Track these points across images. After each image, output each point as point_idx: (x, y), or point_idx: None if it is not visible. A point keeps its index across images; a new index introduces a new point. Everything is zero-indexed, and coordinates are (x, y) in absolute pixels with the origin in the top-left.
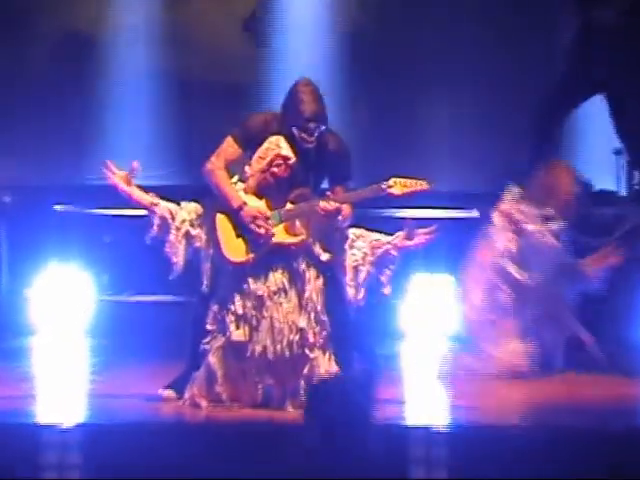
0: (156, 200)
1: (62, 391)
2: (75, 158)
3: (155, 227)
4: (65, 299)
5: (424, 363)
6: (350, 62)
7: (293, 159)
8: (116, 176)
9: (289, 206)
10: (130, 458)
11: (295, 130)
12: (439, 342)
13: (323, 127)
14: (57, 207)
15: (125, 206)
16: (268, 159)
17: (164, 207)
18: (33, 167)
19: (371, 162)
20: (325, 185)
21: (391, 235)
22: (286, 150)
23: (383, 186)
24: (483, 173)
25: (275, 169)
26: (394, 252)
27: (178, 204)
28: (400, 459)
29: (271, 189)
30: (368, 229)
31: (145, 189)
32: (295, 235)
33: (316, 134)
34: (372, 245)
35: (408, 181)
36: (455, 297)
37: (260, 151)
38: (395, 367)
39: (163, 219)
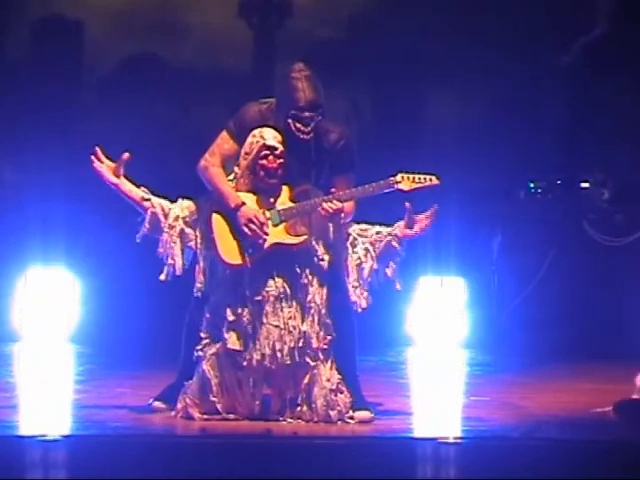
0: (147, 195)
1: (46, 401)
2: (59, 150)
3: (146, 225)
4: (49, 304)
5: (433, 371)
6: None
7: (280, 148)
8: (104, 165)
9: (289, 205)
10: (118, 473)
11: (290, 121)
12: (449, 348)
13: (320, 117)
14: None
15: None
16: (253, 153)
17: (156, 203)
18: (12, 162)
19: (374, 161)
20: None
21: (391, 226)
22: (271, 140)
23: (390, 181)
24: (492, 174)
25: (263, 161)
26: (396, 244)
27: (174, 201)
28: (407, 471)
29: (263, 185)
30: (371, 223)
31: (136, 183)
32: (297, 235)
33: (312, 124)
34: (373, 240)
35: (417, 176)
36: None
37: (245, 147)
38: (403, 375)
39: (155, 216)
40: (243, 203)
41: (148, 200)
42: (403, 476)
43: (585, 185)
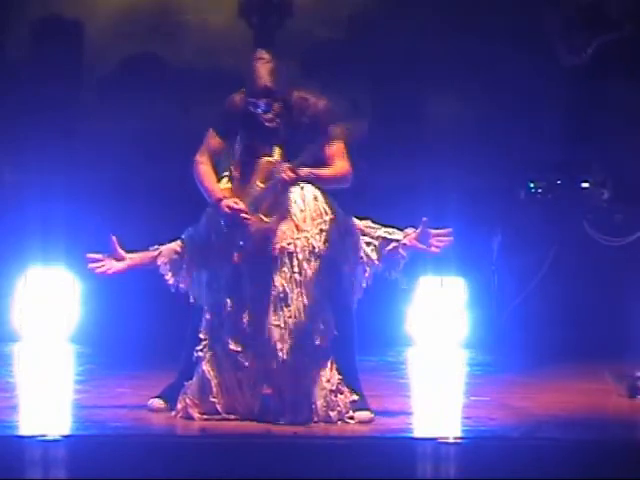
0: (156, 252)
1: (46, 401)
2: (59, 150)
3: (169, 275)
4: (49, 304)
5: (433, 371)
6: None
7: None
8: (105, 263)
9: (259, 189)
10: (118, 473)
11: (250, 107)
12: (449, 348)
13: (279, 103)
14: None
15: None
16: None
17: (168, 252)
18: (12, 162)
19: (374, 160)
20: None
21: (401, 230)
22: None
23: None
24: (492, 174)
25: None
26: (402, 252)
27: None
28: (407, 471)
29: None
30: (375, 222)
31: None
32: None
33: (272, 111)
34: (379, 243)
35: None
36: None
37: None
38: (403, 375)
39: (173, 263)
40: (225, 197)
41: (158, 255)
42: (403, 476)
43: (585, 185)
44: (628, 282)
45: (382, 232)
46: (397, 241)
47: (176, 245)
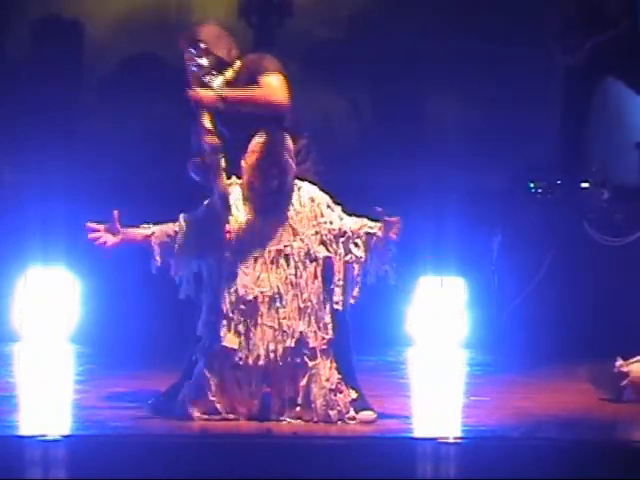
0: (149, 231)
1: (46, 401)
2: (59, 150)
3: (157, 257)
4: (49, 304)
5: (433, 371)
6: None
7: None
8: (102, 234)
9: None
10: (118, 473)
11: (190, 66)
12: (449, 348)
13: (213, 57)
14: None
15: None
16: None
17: (161, 233)
18: (12, 162)
19: (374, 160)
20: None
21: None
22: None
23: None
24: (492, 174)
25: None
26: (380, 245)
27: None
28: (407, 471)
29: (255, 183)
30: (371, 219)
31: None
32: None
33: (207, 63)
34: (364, 240)
35: None
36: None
37: (251, 145)
38: (403, 375)
39: (163, 245)
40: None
41: (151, 235)
42: (403, 476)
43: (585, 185)
44: (628, 282)
45: (366, 228)
46: (375, 234)
47: (171, 227)
